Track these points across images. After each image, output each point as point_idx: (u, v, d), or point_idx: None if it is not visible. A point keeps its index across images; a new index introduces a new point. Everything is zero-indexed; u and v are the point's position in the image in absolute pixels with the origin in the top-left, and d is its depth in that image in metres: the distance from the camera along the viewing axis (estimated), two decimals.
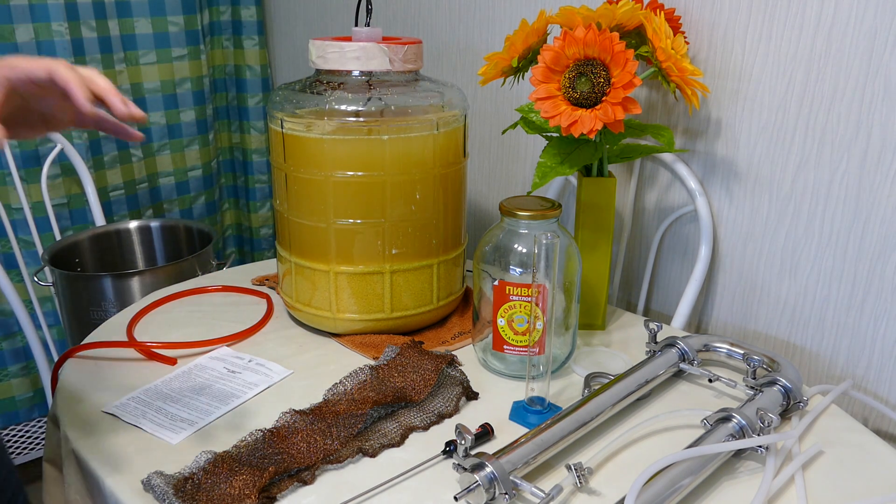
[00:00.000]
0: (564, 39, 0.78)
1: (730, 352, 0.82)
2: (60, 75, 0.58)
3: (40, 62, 0.59)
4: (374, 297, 0.88)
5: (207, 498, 0.60)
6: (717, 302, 1.02)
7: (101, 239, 1.45)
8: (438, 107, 0.87)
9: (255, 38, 1.73)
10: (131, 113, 0.60)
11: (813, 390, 0.78)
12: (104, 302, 1.27)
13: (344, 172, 0.84)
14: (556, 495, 0.59)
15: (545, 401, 0.74)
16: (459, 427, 0.62)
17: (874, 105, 0.81)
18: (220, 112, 1.80)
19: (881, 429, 0.88)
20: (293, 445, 0.67)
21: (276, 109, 0.87)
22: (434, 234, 0.89)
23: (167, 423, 0.72)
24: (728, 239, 0.98)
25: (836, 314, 0.90)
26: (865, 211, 0.84)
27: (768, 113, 0.90)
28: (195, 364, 0.84)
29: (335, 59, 0.84)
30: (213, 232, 1.43)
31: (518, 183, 1.25)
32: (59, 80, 0.58)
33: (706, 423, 0.68)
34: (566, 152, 0.86)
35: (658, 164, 1.03)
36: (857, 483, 0.65)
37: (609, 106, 0.76)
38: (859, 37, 0.81)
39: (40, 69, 0.58)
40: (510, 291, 0.77)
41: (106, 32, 1.50)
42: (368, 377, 0.76)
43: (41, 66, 0.58)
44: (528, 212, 0.77)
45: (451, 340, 0.90)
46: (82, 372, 0.82)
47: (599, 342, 0.91)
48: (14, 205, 1.46)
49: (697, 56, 0.95)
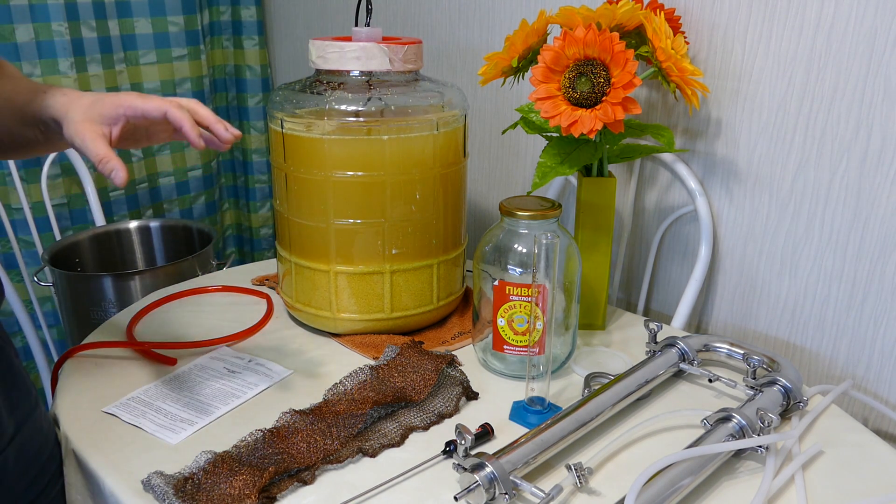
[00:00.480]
0: (564, 39, 0.78)
1: (730, 352, 0.82)
2: (174, 116, 0.66)
3: (153, 102, 0.66)
4: (374, 297, 0.88)
5: (207, 498, 0.60)
6: (717, 302, 1.02)
7: (101, 239, 1.45)
8: (438, 107, 0.87)
9: (255, 38, 1.73)
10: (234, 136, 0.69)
11: (813, 390, 0.78)
12: (104, 302, 1.27)
13: (344, 172, 0.84)
14: (556, 495, 0.59)
15: (545, 401, 0.74)
16: (459, 427, 0.62)
17: (874, 105, 0.81)
18: (220, 112, 1.79)
19: (881, 429, 0.88)
20: (293, 445, 0.67)
21: (276, 109, 0.87)
22: (434, 234, 0.89)
23: (167, 423, 0.72)
24: (728, 239, 0.98)
25: (836, 314, 0.90)
26: (865, 211, 0.84)
27: (768, 113, 0.90)
28: (195, 364, 0.84)
29: (335, 59, 0.84)
30: (213, 232, 1.43)
31: (518, 183, 1.25)
32: (172, 120, 0.66)
33: (706, 423, 0.68)
34: (566, 152, 0.86)
35: (658, 164, 1.03)
36: (857, 483, 0.65)
37: (609, 106, 0.76)
38: (859, 37, 0.81)
39: (155, 110, 0.66)
40: (510, 291, 0.77)
41: (106, 32, 1.50)
42: (368, 377, 0.76)
43: (155, 106, 0.66)
44: (528, 212, 0.77)
45: (451, 340, 0.91)
46: (82, 372, 0.82)
47: (599, 342, 0.91)
48: (14, 205, 1.46)
49: (697, 56, 0.95)
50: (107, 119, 0.65)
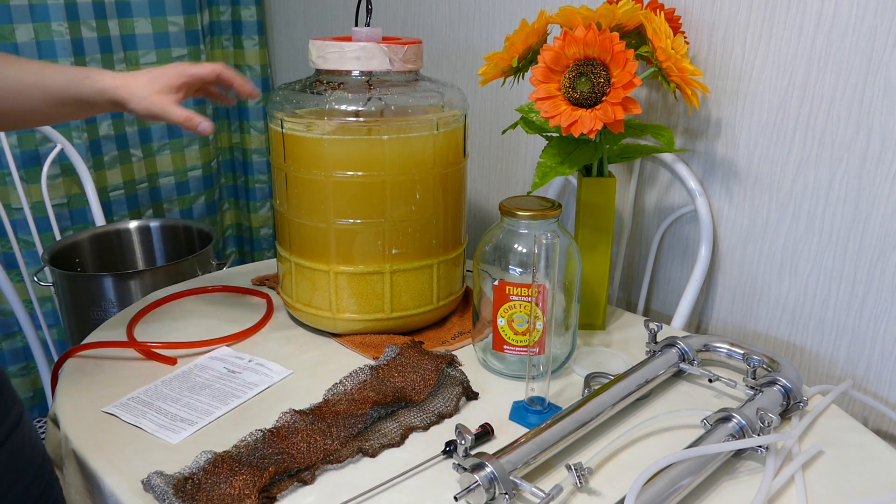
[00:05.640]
0: (564, 39, 0.78)
1: (730, 352, 0.82)
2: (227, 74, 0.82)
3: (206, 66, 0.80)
4: (374, 297, 0.88)
5: (207, 498, 0.60)
6: (717, 302, 1.02)
7: (101, 239, 1.45)
8: (438, 107, 0.87)
9: (255, 38, 1.73)
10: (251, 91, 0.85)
11: (813, 390, 0.78)
12: (104, 302, 1.27)
13: (344, 172, 0.84)
14: (556, 495, 0.59)
15: (545, 401, 0.74)
16: (459, 427, 0.62)
17: (874, 105, 0.81)
18: (220, 112, 1.80)
19: (881, 429, 0.88)
20: (293, 445, 0.67)
21: (276, 109, 0.87)
22: (434, 234, 0.89)
23: (167, 423, 0.72)
24: (728, 239, 0.98)
25: (836, 314, 0.90)
26: (865, 211, 0.84)
27: (768, 113, 0.90)
28: (195, 364, 0.84)
29: (335, 59, 0.84)
30: (213, 232, 1.43)
31: (518, 183, 1.25)
32: (226, 77, 0.82)
33: (706, 423, 0.68)
34: (566, 152, 0.86)
35: (658, 164, 1.03)
36: (857, 483, 0.65)
37: (609, 106, 0.76)
38: (859, 37, 0.81)
39: (209, 73, 0.80)
40: (510, 291, 0.77)
41: (106, 32, 1.50)
42: (368, 377, 0.76)
43: (210, 69, 0.80)
44: (528, 212, 0.77)
45: (451, 340, 0.91)
46: (82, 372, 0.82)
47: (599, 342, 0.91)
48: (14, 205, 1.46)
49: (697, 56, 0.95)
50: (173, 88, 0.77)
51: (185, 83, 0.78)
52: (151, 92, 0.75)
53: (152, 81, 0.76)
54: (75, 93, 0.75)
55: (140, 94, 0.75)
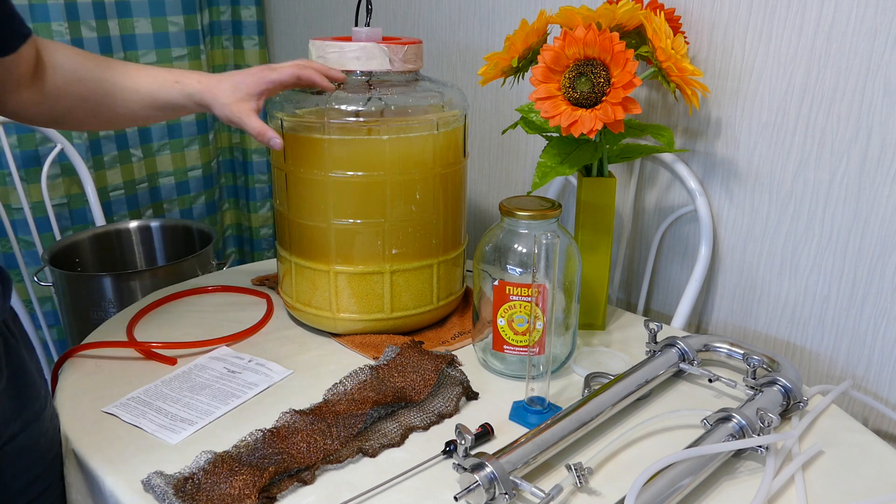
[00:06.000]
0: (564, 39, 0.78)
1: (730, 352, 0.82)
2: (307, 76, 0.80)
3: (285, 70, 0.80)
4: (373, 297, 0.88)
5: (207, 498, 0.60)
6: (717, 302, 1.02)
7: (101, 239, 1.45)
8: (438, 107, 0.87)
9: (255, 38, 1.73)
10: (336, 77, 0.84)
11: (813, 390, 0.78)
12: (104, 302, 1.27)
13: (344, 172, 0.84)
14: (556, 495, 0.59)
15: (545, 401, 0.74)
16: (459, 427, 0.62)
17: (874, 105, 0.81)
18: None
19: (881, 429, 0.88)
20: (293, 445, 0.67)
21: (276, 109, 0.87)
22: (434, 234, 0.89)
23: (167, 423, 0.72)
24: (728, 239, 0.98)
25: (836, 314, 0.90)
26: (865, 211, 0.84)
27: (768, 113, 0.90)
28: (195, 364, 0.84)
29: (335, 59, 0.84)
30: (213, 232, 1.43)
31: (518, 183, 1.25)
32: (307, 80, 0.81)
33: (706, 423, 0.68)
34: (566, 152, 0.86)
35: (658, 164, 1.03)
36: (857, 483, 0.65)
37: (609, 106, 0.76)
38: (859, 37, 0.81)
39: (289, 77, 0.80)
40: (510, 291, 0.77)
41: (106, 32, 1.50)
42: (368, 377, 0.76)
43: (289, 73, 0.80)
44: (528, 212, 0.77)
45: (451, 340, 0.90)
46: (82, 372, 0.82)
47: (599, 342, 0.91)
48: (14, 205, 1.46)
49: (697, 56, 0.95)
50: (253, 96, 0.79)
51: (265, 90, 0.79)
52: (234, 99, 0.77)
53: (235, 88, 0.78)
54: (166, 97, 0.78)
55: (223, 100, 0.77)
